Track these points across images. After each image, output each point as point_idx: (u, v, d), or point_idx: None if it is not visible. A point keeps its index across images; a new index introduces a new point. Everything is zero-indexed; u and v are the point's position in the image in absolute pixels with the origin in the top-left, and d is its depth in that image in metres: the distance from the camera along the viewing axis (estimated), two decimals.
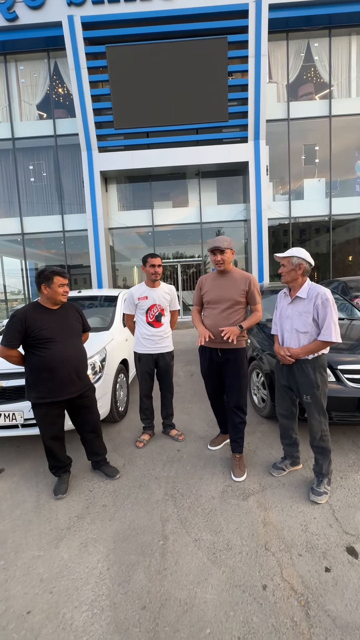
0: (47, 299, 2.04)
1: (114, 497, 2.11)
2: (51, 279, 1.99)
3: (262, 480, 2.20)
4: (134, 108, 9.42)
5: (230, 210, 10.85)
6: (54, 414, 2.06)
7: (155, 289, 2.72)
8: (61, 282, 2.02)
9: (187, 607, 1.37)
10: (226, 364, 2.28)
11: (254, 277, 2.27)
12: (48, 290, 2.00)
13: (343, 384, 2.44)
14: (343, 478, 2.19)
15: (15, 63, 10.40)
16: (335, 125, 10.36)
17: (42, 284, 1.99)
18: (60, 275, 2.01)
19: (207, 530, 1.79)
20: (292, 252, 1.96)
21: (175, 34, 9.10)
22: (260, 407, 3.20)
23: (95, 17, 9.00)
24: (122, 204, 11.27)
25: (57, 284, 2.00)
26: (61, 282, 2.02)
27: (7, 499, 2.15)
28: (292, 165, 10.64)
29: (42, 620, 1.34)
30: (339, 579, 1.46)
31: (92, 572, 1.56)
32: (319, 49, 10.19)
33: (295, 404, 2.18)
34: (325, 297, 1.89)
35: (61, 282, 2.02)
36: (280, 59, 10.21)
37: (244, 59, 9.24)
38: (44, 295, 2.03)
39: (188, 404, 3.63)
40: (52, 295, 2.01)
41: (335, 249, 11.16)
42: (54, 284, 1.99)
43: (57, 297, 2.02)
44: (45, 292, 2.00)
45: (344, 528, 1.75)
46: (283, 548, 1.64)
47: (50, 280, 1.99)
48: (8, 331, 1.90)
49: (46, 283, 1.99)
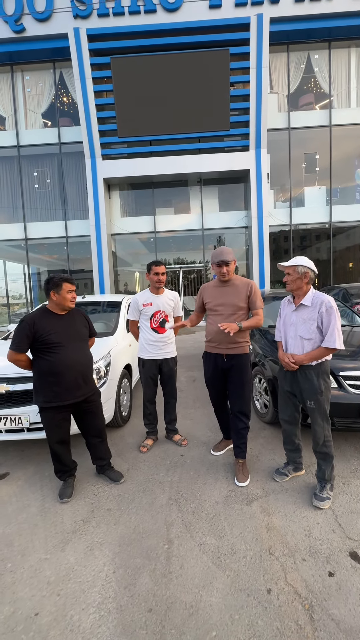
0: (56, 304, 2.09)
1: (119, 501, 2.13)
2: (60, 286, 2.05)
3: (265, 485, 2.22)
4: (137, 117, 9.60)
5: (231, 217, 10.98)
6: (60, 417, 2.10)
7: (159, 295, 2.77)
8: (69, 288, 2.07)
9: (192, 610, 1.39)
10: (230, 369, 2.32)
11: (254, 283, 2.32)
12: (57, 297, 2.05)
13: (345, 390, 2.47)
14: (345, 484, 2.21)
15: (22, 73, 10.63)
16: (335, 134, 10.52)
17: (51, 290, 2.05)
18: (68, 282, 2.07)
19: (212, 534, 1.81)
20: (297, 261, 2.01)
21: (179, 45, 9.32)
22: (263, 412, 3.22)
23: (100, 30, 9.22)
24: (124, 211, 11.40)
25: (66, 290, 2.06)
26: (69, 289, 2.07)
27: (12, 502, 2.17)
28: (293, 173, 10.78)
29: (49, 622, 1.36)
30: (342, 583, 1.48)
31: (99, 575, 1.58)
32: (319, 60, 10.41)
33: (298, 410, 2.21)
34: (330, 304, 1.93)
35: (69, 289, 2.07)
36: (281, 70, 10.42)
37: (245, 70, 9.44)
38: (53, 301, 2.08)
39: (190, 409, 3.66)
40: (61, 302, 2.07)
41: (336, 256, 11.24)
42: (62, 290, 2.05)
43: (65, 303, 2.08)
44: (55, 298, 2.06)
45: (347, 533, 1.77)
46: (287, 553, 1.66)
47: (59, 286, 2.04)
48: (17, 336, 1.95)
49: (55, 290, 2.04)
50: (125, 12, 9.13)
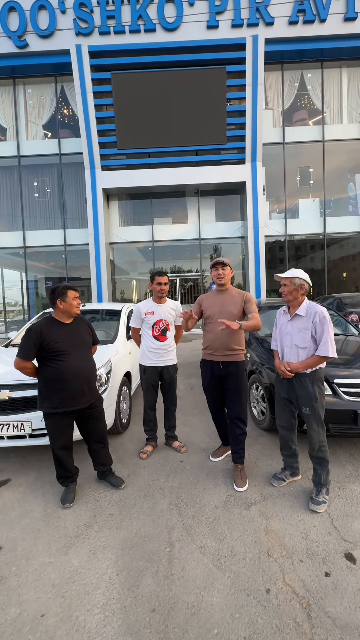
0: (63, 312, 2.17)
1: (120, 506, 2.17)
2: (65, 294, 2.14)
3: (263, 490, 2.28)
4: (136, 130, 9.86)
5: (228, 227, 11.20)
6: (64, 423, 2.15)
7: (161, 304, 2.86)
8: (74, 295, 2.18)
9: (194, 609, 1.44)
10: (227, 376, 2.40)
11: (249, 294, 2.46)
12: (64, 305, 2.14)
13: (339, 397, 2.56)
14: (340, 488, 2.28)
15: (24, 86, 10.88)
16: (328, 149, 10.87)
17: (57, 299, 2.13)
18: (72, 289, 2.18)
19: (212, 537, 1.86)
20: (294, 274, 2.11)
21: (177, 63, 9.66)
22: (260, 419, 3.29)
23: (101, 47, 9.53)
24: (123, 220, 11.58)
25: (71, 297, 2.15)
26: (74, 295, 2.18)
27: (15, 508, 2.20)
28: (288, 186, 11.08)
29: (56, 622, 1.40)
30: (338, 583, 1.54)
31: (102, 577, 1.62)
32: (312, 79, 10.82)
33: (294, 416, 2.29)
34: (323, 315, 2.04)
35: (74, 295, 2.18)
36: (276, 87, 10.80)
37: (241, 87, 9.80)
38: (60, 309, 2.16)
39: (189, 416, 3.71)
40: (67, 309, 2.15)
41: (330, 266, 11.48)
42: (68, 298, 2.14)
43: (72, 310, 2.17)
44: (61, 306, 2.14)
45: (342, 535, 1.84)
46: (285, 554, 1.72)
47: (64, 295, 2.13)
48: (24, 344, 2.02)
49: (61, 298, 2.13)
50: (126, 30, 9.46)
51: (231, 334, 2.36)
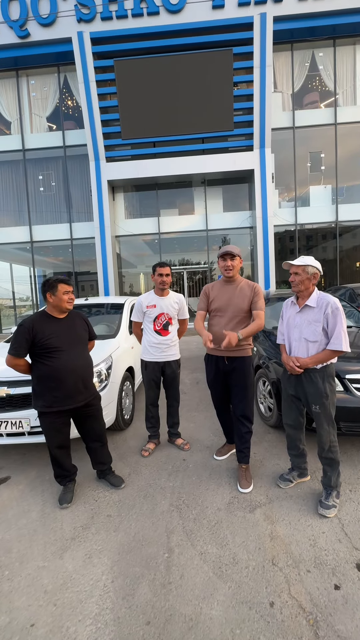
0: (54, 307, 2.07)
1: (119, 507, 2.09)
2: (55, 287, 2.03)
3: (268, 492, 2.17)
4: (141, 119, 9.60)
5: (236, 217, 10.90)
6: (60, 422, 2.07)
7: (164, 297, 2.73)
8: (65, 289, 2.05)
9: (192, 623, 1.34)
10: (232, 372, 2.27)
11: (259, 286, 2.28)
12: (53, 299, 2.03)
13: (351, 393, 2.40)
14: (352, 491, 2.14)
15: (27, 77, 10.73)
16: (340, 132, 10.38)
17: (47, 292, 2.03)
18: (64, 283, 2.05)
19: (213, 543, 1.76)
20: (306, 261, 1.94)
21: (182, 47, 9.31)
22: (267, 416, 3.16)
23: (104, 33, 9.26)
24: (129, 212, 11.42)
25: (62, 291, 2.04)
26: (65, 290, 2.05)
27: (12, 507, 2.15)
28: (298, 173, 10.67)
29: (45, 633, 1.33)
30: (349, 597, 1.42)
31: (97, 584, 1.54)
32: (323, 58, 10.29)
33: (302, 414, 2.15)
34: (336, 305, 1.87)
35: (65, 290, 2.05)
36: (285, 68, 10.33)
37: (249, 69, 9.38)
38: (50, 303, 2.06)
39: (194, 412, 3.61)
40: (57, 303, 2.05)
41: (343, 255, 11.08)
42: (58, 292, 2.03)
43: (62, 305, 2.05)
44: (51, 300, 2.04)
45: (354, 543, 1.70)
46: (291, 563, 1.60)
47: (54, 288, 2.02)
48: (15, 340, 1.93)
49: (51, 291, 2.03)
50: (128, 14, 9.15)
51: (237, 328, 2.21)
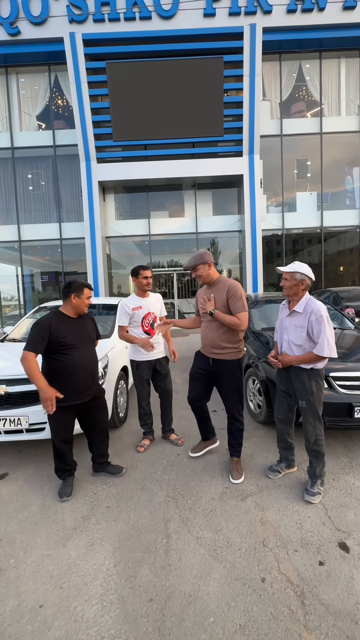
0: (72, 308, 2.18)
1: (118, 499, 2.19)
2: (82, 291, 2.16)
3: (259, 482, 2.31)
4: (132, 121, 9.70)
5: (225, 221, 11.13)
6: (68, 417, 2.19)
7: (146, 298, 2.86)
8: (89, 294, 2.21)
9: (191, 599, 1.46)
10: (217, 374, 2.37)
11: (234, 285, 2.22)
12: (77, 300, 2.16)
13: (335, 390, 2.58)
14: (335, 479, 2.31)
15: (17, 75, 10.64)
16: (326, 141, 10.80)
17: (73, 293, 2.14)
18: (89, 289, 2.21)
19: (208, 528, 1.88)
20: (296, 268, 2.06)
21: (173, 52, 9.47)
22: (257, 413, 3.32)
23: (96, 35, 9.31)
24: (119, 213, 11.47)
25: (86, 295, 2.19)
26: (89, 295, 2.20)
27: (13, 501, 2.21)
28: (285, 179, 11.01)
29: (54, 613, 1.42)
30: (331, 571, 1.57)
31: (100, 568, 1.64)
32: (310, 69, 10.68)
33: (292, 410, 2.31)
34: (319, 313, 1.98)
35: (89, 295, 2.20)
36: (274, 78, 10.66)
37: (239, 77, 9.64)
38: (71, 304, 2.17)
39: (186, 410, 3.70)
40: (79, 305, 2.17)
41: (327, 260, 11.49)
42: (83, 295, 2.17)
43: (83, 308, 2.20)
44: (74, 301, 2.16)
45: (336, 525, 1.87)
46: (280, 544, 1.75)
47: (80, 291, 2.16)
48: (34, 337, 2.01)
49: (77, 294, 2.15)
50: (120, 18, 9.25)
51: (217, 331, 2.26)
